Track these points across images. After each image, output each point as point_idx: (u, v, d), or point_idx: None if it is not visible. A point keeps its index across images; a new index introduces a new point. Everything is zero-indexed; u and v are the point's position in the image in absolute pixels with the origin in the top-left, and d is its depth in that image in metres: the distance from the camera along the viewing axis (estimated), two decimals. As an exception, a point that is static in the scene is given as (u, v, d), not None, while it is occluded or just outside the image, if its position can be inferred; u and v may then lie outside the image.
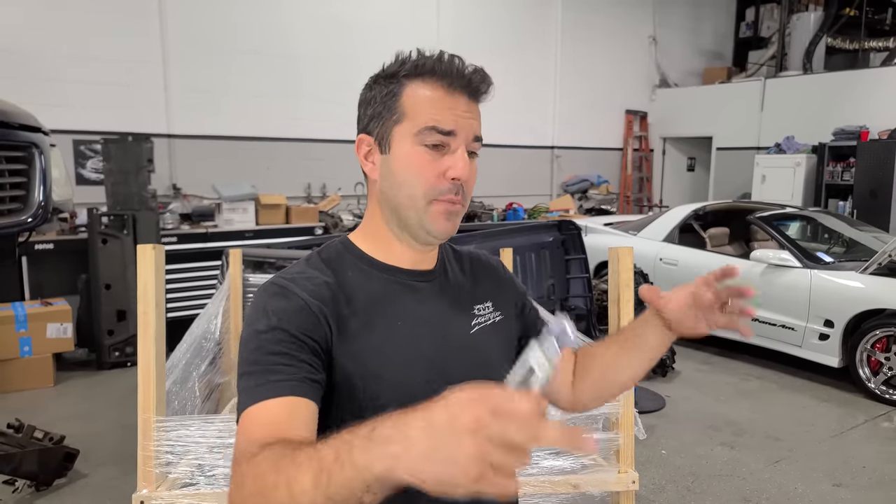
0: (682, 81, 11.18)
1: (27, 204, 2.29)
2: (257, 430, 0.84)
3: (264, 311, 0.94)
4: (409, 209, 0.99)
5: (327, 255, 1.04)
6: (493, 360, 1.09)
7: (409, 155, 0.97)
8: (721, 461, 3.79)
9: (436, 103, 0.98)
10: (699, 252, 5.84)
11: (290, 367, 0.89)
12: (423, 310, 1.03)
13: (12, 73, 5.76)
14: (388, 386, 0.96)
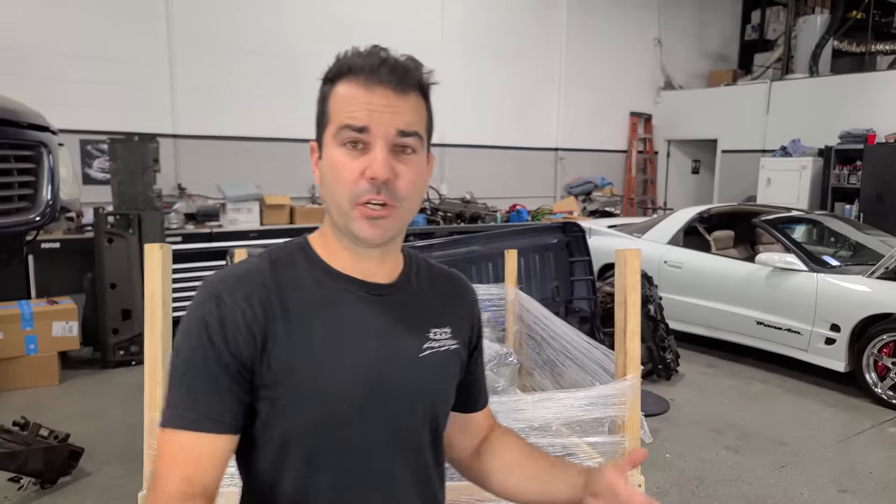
0: (687, 84, 11.16)
1: (35, 203, 2.30)
2: (175, 468, 0.89)
3: (195, 321, 0.92)
4: (337, 214, 0.96)
5: (277, 256, 1.00)
6: (435, 388, 1.04)
7: (332, 158, 0.94)
8: (726, 465, 3.77)
9: (351, 101, 0.93)
10: (704, 255, 5.82)
11: (212, 399, 0.90)
12: (370, 324, 0.98)
13: (20, 72, 5.78)
14: (317, 397, 0.93)
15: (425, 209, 7.83)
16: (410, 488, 1.02)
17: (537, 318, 2.64)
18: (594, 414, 1.69)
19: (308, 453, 0.95)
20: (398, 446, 1.00)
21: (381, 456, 0.98)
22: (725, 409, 4.65)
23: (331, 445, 0.95)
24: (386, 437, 0.98)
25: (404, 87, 0.94)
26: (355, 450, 0.96)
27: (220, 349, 0.90)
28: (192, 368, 0.91)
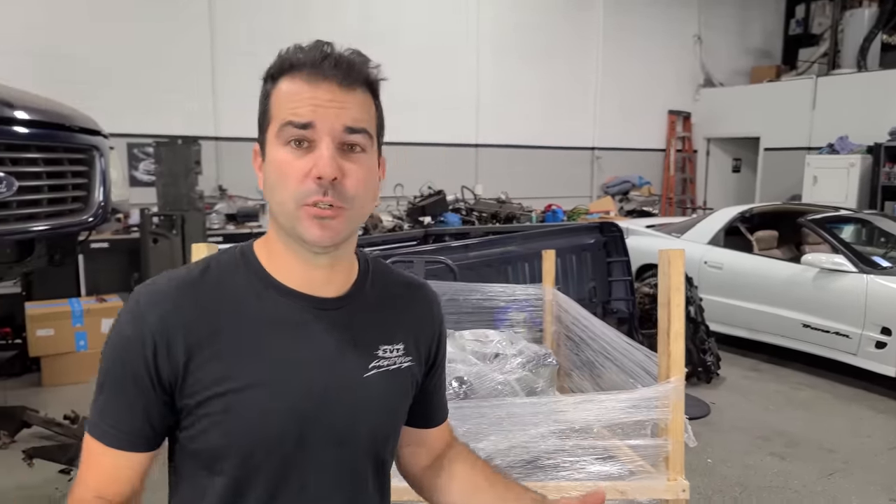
0: (728, 81, 10.94)
1: (88, 204, 2.38)
2: (91, 477, 0.90)
3: (117, 334, 0.89)
4: (281, 216, 0.89)
5: (217, 264, 0.94)
6: (379, 410, 0.98)
7: (277, 157, 0.88)
8: (771, 472, 3.69)
9: (294, 97, 0.87)
10: (745, 255, 5.70)
11: (126, 417, 0.88)
12: (311, 343, 0.92)
13: (73, 79, 5.98)
14: (235, 425, 0.88)
15: (460, 209, 7.83)
16: None
17: (576, 318, 2.62)
18: (636, 416, 1.67)
19: (235, 479, 0.90)
20: (335, 475, 0.95)
21: (316, 485, 0.93)
22: (770, 414, 4.55)
23: (260, 473, 0.90)
24: (321, 465, 0.93)
25: (350, 82, 0.88)
26: (288, 479, 0.92)
27: (138, 369, 0.87)
28: (110, 383, 0.89)
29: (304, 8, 7.32)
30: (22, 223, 2.15)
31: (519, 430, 1.68)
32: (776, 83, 10.36)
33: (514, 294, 2.86)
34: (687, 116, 10.82)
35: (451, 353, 2.08)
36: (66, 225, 2.30)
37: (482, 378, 1.96)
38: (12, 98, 2.25)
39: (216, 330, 0.88)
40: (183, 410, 0.89)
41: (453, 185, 8.06)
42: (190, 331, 0.87)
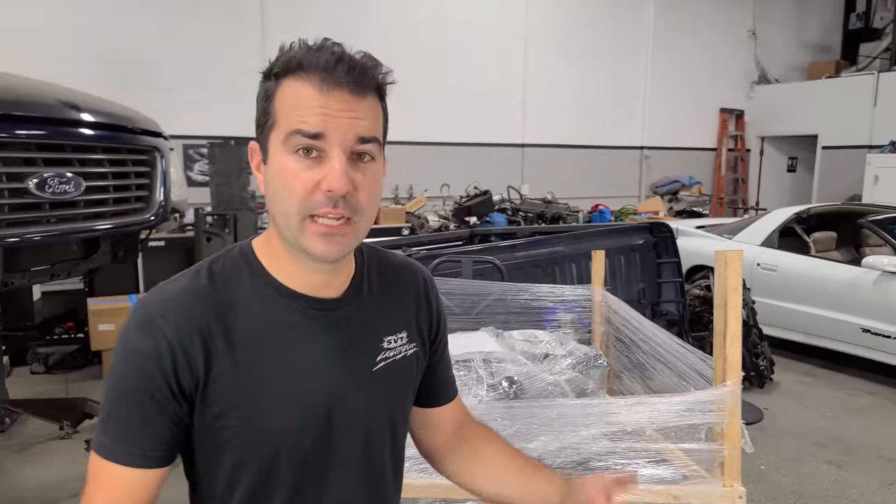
0: (784, 77, 10.62)
1: (149, 204, 2.47)
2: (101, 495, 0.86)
3: (125, 347, 0.85)
4: (284, 227, 0.86)
5: (220, 268, 0.91)
6: (397, 403, 1.00)
7: (281, 165, 0.84)
8: (827, 481, 3.57)
9: (304, 102, 0.83)
10: (802, 258, 5.53)
11: (142, 433, 0.85)
12: (319, 344, 0.91)
13: (133, 82, 6.22)
14: (258, 431, 0.87)
15: (506, 210, 7.82)
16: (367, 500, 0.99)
17: (626, 319, 2.59)
18: (691, 420, 1.64)
19: (260, 481, 0.90)
20: (356, 469, 0.96)
21: (338, 480, 0.94)
22: (827, 421, 4.40)
23: (283, 473, 0.90)
24: (342, 461, 0.94)
25: (362, 89, 0.84)
26: (311, 476, 0.92)
27: (156, 382, 0.83)
28: (122, 400, 0.85)
29: (352, 10, 7.41)
30: (88, 222, 2.24)
31: (570, 432, 1.67)
32: (835, 79, 10.01)
33: (563, 295, 2.84)
34: (740, 114, 10.55)
35: (500, 353, 2.08)
36: (130, 223, 2.39)
37: (532, 378, 1.96)
38: (80, 101, 2.35)
39: (228, 336, 0.87)
40: (203, 420, 0.87)
41: (499, 185, 8.04)
42: (205, 339, 0.85)
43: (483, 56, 8.28)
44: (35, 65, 4.81)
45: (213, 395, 0.86)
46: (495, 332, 2.40)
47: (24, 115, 2.07)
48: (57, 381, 4.95)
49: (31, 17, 5.94)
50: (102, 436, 0.86)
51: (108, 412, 0.86)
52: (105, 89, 3.28)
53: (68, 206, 2.14)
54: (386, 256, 1.05)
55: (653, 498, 1.66)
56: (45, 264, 2.51)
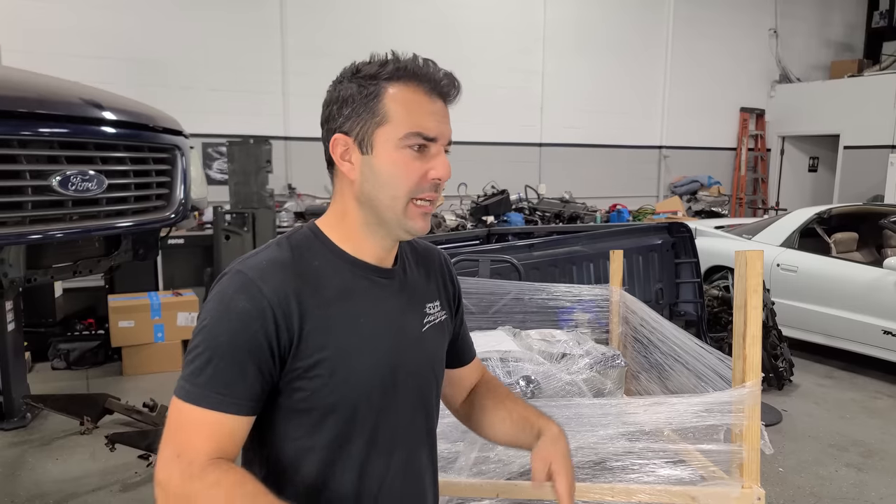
0: (806, 76, 10.49)
1: (170, 202, 2.49)
2: (202, 442, 0.93)
3: (227, 307, 0.95)
4: (389, 209, 1.01)
5: (297, 242, 1.04)
6: (437, 359, 1.17)
7: (395, 158, 0.99)
8: (847, 483, 3.53)
9: (419, 108, 1.00)
10: (822, 258, 5.46)
11: (239, 383, 0.94)
12: (383, 307, 1.06)
13: (154, 82, 6.29)
14: (344, 380, 1.00)
15: (523, 209, 7.80)
16: (423, 444, 1.15)
17: (644, 320, 2.57)
18: (709, 421, 1.63)
19: (343, 426, 1.02)
20: (417, 411, 1.12)
21: (404, 420, 1.10)
22: (846, 423, 4.35)
23: (361, 423, 1.04)
24: (408, 404, 1.10)
25: (452, 101, 1.05)
26: (383, 425, 1.06)
27: (258, 339, 0.94)
28: (223, 352, 0.94)
29: (372, 11, 7.43)
30: (110, 219, 2.27)
31: (587, 431, 1.67)
32: (858, 78, 9.87)
33: (580, 294, 2.83)
34: (760, 114, 10.43)
35: (517, 352, 2.08)
36: (151, 221, 2.42)
37: (549, 378, 1.96)
38: (102, 100, 2.38)
39: (316, 298, 0.99)
40: (293, 374, 0.98)
41: (517, 185, 8.03)
42: (299, 300, 0.97)
43: (501, 55, 8.27)
44: (58, 64, 4.89)
45: (306, 350, 0.98)
46: (513, 332, 2.39)
47: (48, 114, 2.09)
48: (78, 376, 5.03)
49: (58, 19, 6.03)
50: (198, 386, 0.94)
51: (204, 363, 0.94)
52: (126, 88, 3.32)
53: (91, 203, 2.17)
54: (412, 242, 1.20)
55: (670, 499, 1.65)
56: (68, 261, 2.55)
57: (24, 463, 3.65)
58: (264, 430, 1.03)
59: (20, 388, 4.13)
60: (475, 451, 1.71)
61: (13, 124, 1.96)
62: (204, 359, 0.94)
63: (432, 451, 1.19)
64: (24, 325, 4.53)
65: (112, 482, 3.44)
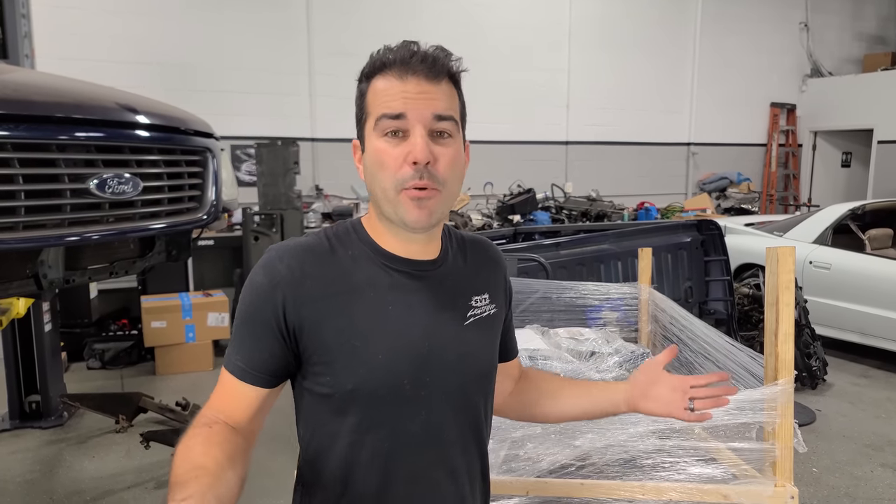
0: (838, 70, 10.28)
1: (202, 203, 2.54)
2: (216, 400, 1.02)
3: (252, 281, 1.01)
4: (384, 202, 1.00)
5: (335, 232, 1.08)
6: (480, 354, 1.12)
7: (374, 148, 0.99)
8: (883, 484, 3.46)
9: (387, 92, 0.98)
10: (857, 255, 5.35)
11: (254, 353, 1.00)
12: (416, 299, 1.04)
13: (184, 86, 6.41)
14: (364, 366, 0.99)
15: (549, 208, 7.76)
16: (466, 444, 1.10)
17: (673, 318, 2.55)
18: (741, 419, 1.61)
19: (363, 419, 1.02)
20: (458, 409, 1.08)
21: (439, 417, 1.06)
22: (882, 422, 4.26)
23: (384, 413, 1.02)
24: (446, 401, 1.06)
25: (436, 75, 0.98)
26: (410, 418, 1.04)
27: (266, 312, 0.98)
28: (244, 322, 1.01)
29: (397, 11, 7.47)
30: (145, 221, 2.32)
31: (617, 429, 1.66)
32: (892, 71, 9.64)
33: (608, 292, 2.81)
34: (791, 109, 10.25)
35: (546, 350, 2.08)
36: (183, 223, 2.46)
37: (578, 376, 1.95)
38: (137, 104, 2.43)
39: (344, 288, 1.01)
40: (310, 357, 1.00)
41: (543, 183, 8.00)
42: (315, 284, 0.99)
43: (527, 53, 8.25)
44: (91, 69, 5.01)
45: (324, 336, 0.99)
46: (541, 330, 2.39)
47: (85, 118, 2.15)
48: (112, 376, 5.14)
49: (91, 26, 6.17)
50: (230, 352, 1.03)
51: (234, 333, 1.03)
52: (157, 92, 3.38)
53: (126, 205, 2.21)
54: (460, 233, 1.19)
55: (702, 497, 1.64)
56: (104, 262, 2.61)
57: (61, 461, 3.74)
58: (300, 414, 1.07)
59: (57, 388, 4.24)
60: (504, 449, 1.71)
61: (51, 129, 2.01)
62: (235, 327, 1.03)
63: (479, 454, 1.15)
64: (61, 325, 4.64)
65: (147, 479, 3.51)
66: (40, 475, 3.59)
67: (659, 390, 1.23)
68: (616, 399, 1.26)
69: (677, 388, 1.23)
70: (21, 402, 4.19)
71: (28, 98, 2.09)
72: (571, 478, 1.66)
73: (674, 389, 1.23)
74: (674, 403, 1.22)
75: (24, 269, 2.22)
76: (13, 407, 4.18)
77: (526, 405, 1.32)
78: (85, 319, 5.45)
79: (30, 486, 3.47)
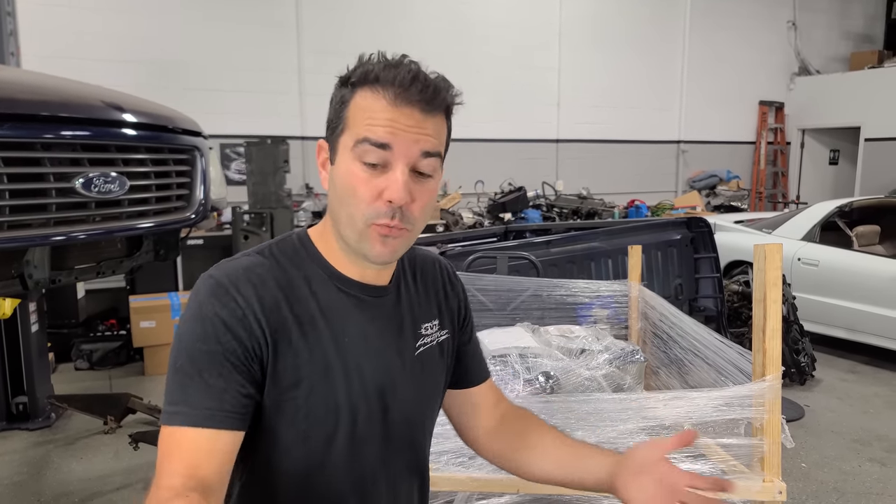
0: (826, 68, 10.35)
1: (190, 202, 2.53)
2: (175, 463, 0.82)
3: (201, 314, 0.87)
4: (348, 228, 0.91)
5: (282, 249, 0.96)
6: (432, 383, 1.06)
7: (348, 170, 0.89)
8: (871, 479, 3.49)
9: (374, 114, 0.87)
10: (844, 252, 5.39)
11: (221, 393, 0.85)
12: (371, 328, 0.97)
13: (170, 85, 6.37)
14: (322, 402, 0.91)
15: (540, 206, 7.78)
16: (413, 478, 1.06)
17: (663, 315, 2.56)
18: (729, 415, 1.62)
19: (319, 455, 0.94)
20: (404, 448, 1.02)
21: (391, 451, 1.00)
22: (869, 418, 4.30)
23: (343, 448, 0.95)
24: (393, 438, 1.00)
25: (432, 108, 0.89)
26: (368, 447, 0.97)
27: (234, 347, 0.86)
28: (198, 365, 0.85)
29: (387, 9, 7.45)
30: (132, 220, 2.30)
31: (607, 426, 1.67)
32: (878, 69, 9.73)
33: (598, 290, 2.82)
34: (780, 107, 10.31)
35: (536, 348, 2.08)
36: (171, 222, 2.44)
37: (569, 373, 1.96)
38: (123, 102, 2.41)
39: (294, 313, 0.91)
40: (273, 393, 0.90)
41: (534, 182, 8.01)
42: (274, 312, 0.89)
43: (517, 51, 8.26)
44: (77, 68, 4.96)
45: (283, 370, 0.89)
46: (531, 328, 2.39)
47: (70, 117, 2.13)
48: (100, 376, 5.10)
49: (77, 24, 6.12)
50: (176, 406, 0.85)
51: (181, 381, 0.85)
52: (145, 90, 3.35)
53: (113, 205, 2.20)
54: (412, 251, 1.08)
55: (691, 493, 1.64)
56: (91, 262, 2.59)
57: (49, 462, 3.72)
58: (245, 445, 0.93)
59: (44, 389, 4.21)
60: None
61: (36, 127, 1.99)
62: (180, 376, 0.86)
63: (423, 487, 1.09)
64: (48, 326, 4.60)
65: (135, 480, 3.49)
66: (28, 477, 3.56)
67: (645, 481, 0.97)
68: (601, 466, 1.06)
69: (666, 483, 0.95)
70: (8, 403, 4.15)
71: (12, 96, 2.07)
72: (562, 475, 1.66)
73: (661, 484, 0.96)
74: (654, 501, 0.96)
75: (10, 269, 2.20)
76: (0, 408, 4.15)
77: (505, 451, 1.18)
78: (72, 320, 5.41)
79: (17, 489, 3.44)
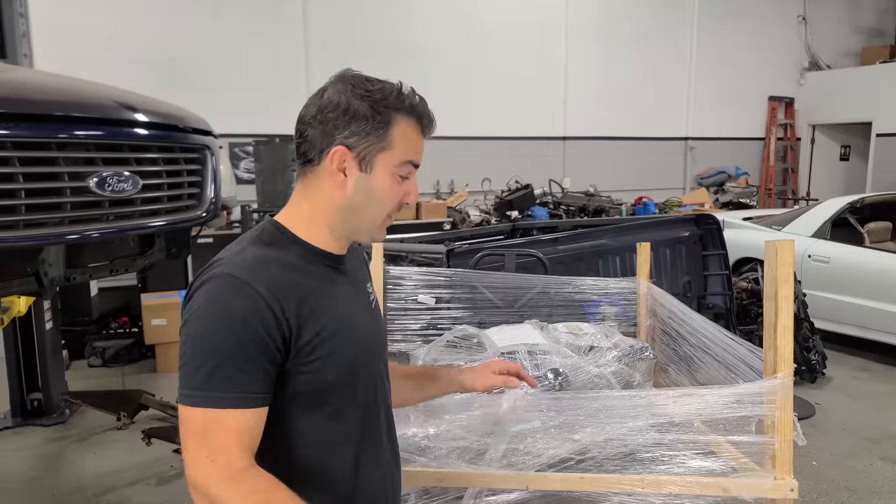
0: (836, 63, 10.28)
1: (201, 201, 2.55)
2: (233, 444, 0.99)
3: (225, 310, 1.00)
4: (369, 222, 1.15)
5: (266, 240, 1.11)
6: (384, 333, 1.33)
7: (389, 183, 1.12)
8: (882, 477, 3.48)
9: (416, 142, 1.13)
10: (856, 249, 5.36)
11: (252, 379, 1.01)
12: (349, 290, 1.19)
13: (181, 84, 6.39)
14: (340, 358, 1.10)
15: (547, 203, 7.77)
16: (388, 406, 1.28)
17: (672, 312, 2.55)
18: (740, 412, 1.62)
19: (343, 403, 1.13)
20: (384, 387, 1.27)
21: (381, 387, 1.25)
22: (882, 416, 4.28)
23: (361, 394, 1.16)
24: (381, 372, 1.25)
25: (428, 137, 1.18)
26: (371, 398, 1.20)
27: (261, 334, 1.00)
28: (232, 353, 0.99)
29: (394, 6, 7.46)
30: (145, 219, 2.32)
31: (616, 423, 1.67)
32: (890, 64, 9.65)
33: (607, 287, 2.81)
34: (790, 102, 10.25)
35: (545, 345, 2.08)
36: (183, 220, 2.47)
37: (577, 370, 1.96)
38: (135, 102, 2.43)
39: (301, 288, 1.07)
40: (295, 359, 1.06)
41: (541, 179, 8.00)
42: (291, 291, 1.05)
43: (524, 49, 8.24)
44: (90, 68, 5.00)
45: (304, 337, 1.05)
46: (540, 325, 2.39)
47: (84, 117, 2.15)
48: (113, 373, 5.15)
49: (89, 25, 6.16)
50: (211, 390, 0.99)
51: (211, 369, 0.99)
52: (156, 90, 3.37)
53: (126, 203, 2.22)
54: None
55: (701, 490, 1.65)
56: (105, 260, 2.61)
57: (63, 458, 3.76)
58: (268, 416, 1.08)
59: (59, 386, 4.25)
60: (504, 443, 1.72)
61: (51, 127, 2.01)
62: (212, 363, 0.99)
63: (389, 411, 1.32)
64: (62, 323, 4.65)
65: (148, 475, 3.53)
66: (43, 472, 3.60)
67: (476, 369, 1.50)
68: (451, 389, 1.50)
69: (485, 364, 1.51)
70: (23, 399, 4.20)
71: (27, 97, 2.09)
72: (571, 472, 1.67)
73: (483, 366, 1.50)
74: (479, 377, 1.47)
75: (25, 267, 2.23)
76: (15, 405, 4.20)
77: None
78: (86, 317, 5.46)
79: (33, 484, 3.48)
